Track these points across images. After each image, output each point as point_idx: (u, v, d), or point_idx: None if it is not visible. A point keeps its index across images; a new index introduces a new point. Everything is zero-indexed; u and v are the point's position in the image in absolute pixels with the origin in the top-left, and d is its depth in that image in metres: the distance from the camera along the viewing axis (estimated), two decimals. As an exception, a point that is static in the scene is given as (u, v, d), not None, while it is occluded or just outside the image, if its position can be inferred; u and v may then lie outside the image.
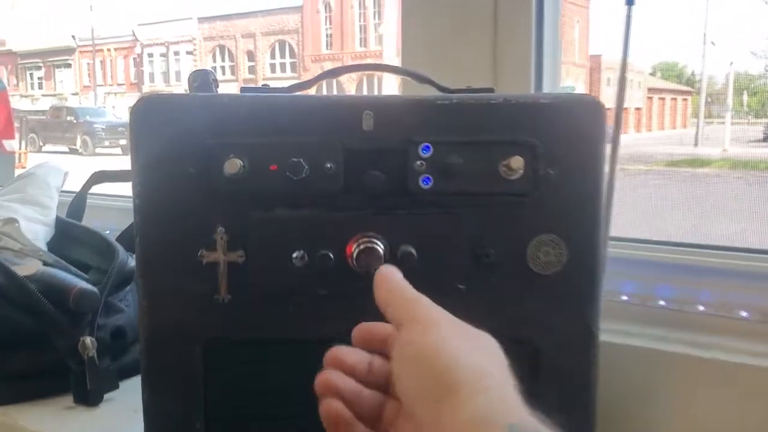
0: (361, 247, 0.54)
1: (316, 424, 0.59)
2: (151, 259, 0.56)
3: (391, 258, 0.55)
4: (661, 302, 0.71)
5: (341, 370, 0.45)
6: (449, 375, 0.39)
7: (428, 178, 0.55)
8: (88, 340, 0.78)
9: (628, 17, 0.62)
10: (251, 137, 0.54)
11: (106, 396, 0.81)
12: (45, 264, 0.85)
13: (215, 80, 0.58)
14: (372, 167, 0.55)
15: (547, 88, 0.77)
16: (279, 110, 0.54)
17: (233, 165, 0.53)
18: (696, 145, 2.56)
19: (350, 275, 0.55)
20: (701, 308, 0.69)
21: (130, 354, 0.87)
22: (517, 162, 0.54)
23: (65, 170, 1.07)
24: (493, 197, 0.55)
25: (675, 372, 0.66)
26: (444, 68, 0.76)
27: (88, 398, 0.79)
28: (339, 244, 0.55)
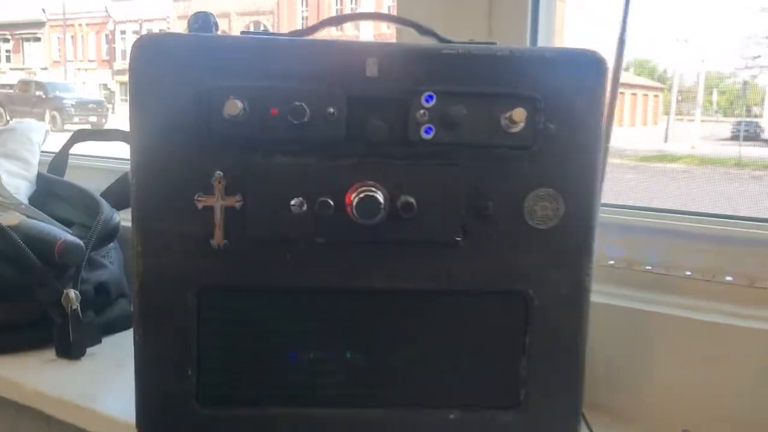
0: (361, 195, 0.54)
1: (308, 373, 0.59)
2: (147, 203, 0.55)
3: (391, 208, 0.55)
4: (648, 267, 0.72)
5: None
6: None
7: (430, 127, 0.55)
8: (72, 292, 0.78)
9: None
10: (252, 79, 0.53)
11: (89, 350, 0.80)
12: (28, 217, 0.83)
13: (216, 23, 0.57)
14: (374, 115, 0.54)
15: (542, 42, 0.78)
16: (282, 53, 0.54)
17: (233, 106, 0.52)
18: (666, 141, 2.59)
19: (349, 224, 0.55)
20: (688, 273, 0.71)
21: (114, 310, 0.87)
22: (519, 114, 0.54)
23: (47, 127, 1.05)
24: (494, 150, 0.55)
25: (660, 332, 0.67)
26: (439, 22, 0.76)
27: (71, 351, 0.78)
28: (339, 192, 0.55)
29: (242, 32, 0.58)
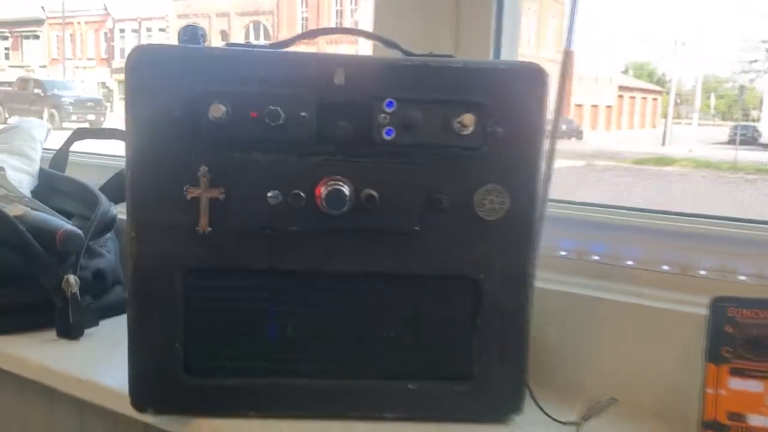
0: (330, 188, 0.61)
1: (284, 347, 0.66)
2: (140, 194, 0.63)
3: (356, 200, 0.62)
4: (595, 257, 0.80)
5: None
6: None
7: (391, 130, 0.62)
8: (72, 278, 0.85)
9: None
10: (234, 86, 0.61)
11: (87, 331, 0.87)
12: (32, 209, 0.90)
13: (203, 35, 0.64)
14: (341, 118, 0.62)
15: (505, 56, 0.85)
16: (261, 63, 0.61)
17: (217, 110, 0.60)
18: (663, 144, 2.64)
19: (319, 214, 0.62)
20: (630, 263, 0.78)
21: (110, 296, 0.94)
22: (469, 119, 0.62)
23: (48, 125, 1.12)
24: (447, 150, 0.63)
25: (604, 315, 0.74)
26: (411, 36, 0.83)
27: (71, 332, 0.85)
28: (310, 185, 0.62)
29: (227, 44, 0.65)
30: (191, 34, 0.63)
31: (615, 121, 3.33)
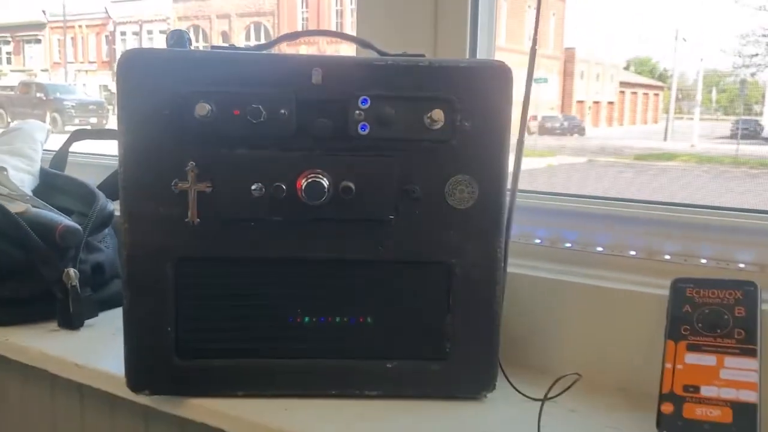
0: (309, 181, 0.66)
1: (269, 329, 0.71)
2: (132, 188, 0.67)
3: (334, 191, 0.66)
4: (567, 244, 0.84)
5: None
6: None
7: (365, 125, 0.66)
8: (72, 271, 0.89)
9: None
10: (218, 86, 0.65)
11: (87, 322, 0.91)
12: (33, 206, 0.95)
13: (189, 39, 0.68)
14: (319, 115, 0.66)
15: (481, 54, 0.89)
16: (243, 64, 0.66)
17: (202, 108, 0.64)
18: (665, 139, 2.66)
19: (300, 205, 0.67)
20: (599, 249, 0.82)
21: (109, 289, 0.98)
22: (438, 114, 0.66)
23: (48, 127, 1.16)
24: (419, 143, 0.67)
25: (574, 298, 0.78)
26: (391, 36, 0.88)
27: (71, 322, 0.90)
28: (291, 178, 0.66)
29: (212, 47, 0.69)
30: (178, 37, 0.67)
31: (617, 117, 3.35)
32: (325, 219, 0.67)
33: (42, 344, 0.85)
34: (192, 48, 0.69)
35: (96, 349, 0.84)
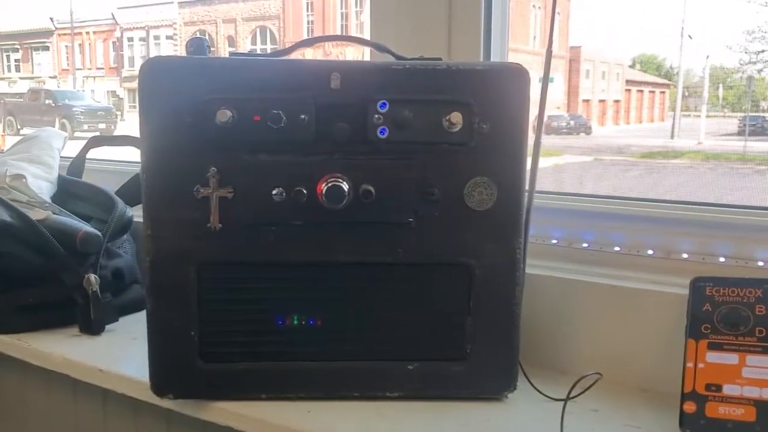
0: (329, 185, 0.66)
1: (292, 332, 0.71)
2: (155, 194, 0.68)
3: (354, 195, 0.67)
4: (584, 244, 0.84)
5: None
6: None
7: (384, 129, 0.67)
8: (92, 276, 0.90)
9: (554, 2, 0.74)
10: (239, 93, 0.66)
11: (107, 327, 0.92)
12: (53, 213, 0.96)
13: (209, 47, 0.69)
14: (338, 120, 0.67)
15: (495, 56, 0.90)
16: (263, 71, 0.66)
17: (224, 115, 0.65)
18: (672, 137, 2.66)
19: (320, 209, 0.67)
20: (617, 248, 0.82)
21: (128, 294, 0.99)
22: (456, 117, 0.66)
23: (65, 134, 1.17)
24: (437, 146, 0.68)
25: (593, 298, 0.78)
26: (406, 39, 0.88)
27: (92, 327, 0.91)
28: (311, 183, 0.67)
29: (231, 53, 0.70)
30: (197, 45, 0.68)
31: (623, 115, 3.34)
32: (346, 222, 0.68)
33: (64, 350, 0.86)
34: (212, 55, 0.69)
35: (118, 354, 0.85)
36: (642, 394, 0.75)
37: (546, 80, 0.74)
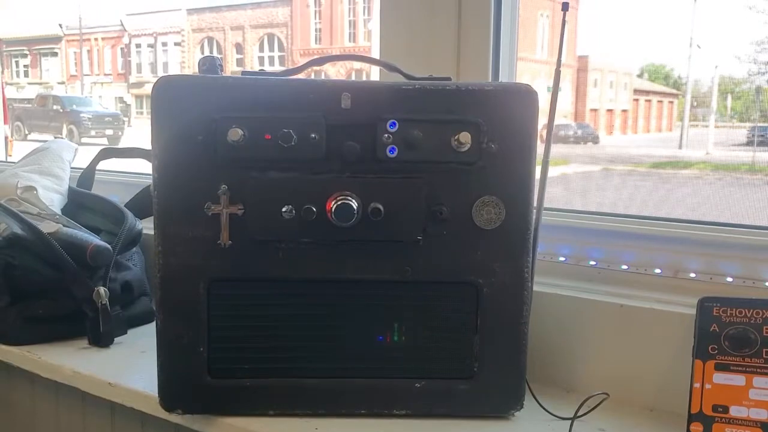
0: (339, 203, 0.67)
1: (299, 349, 0.72)
2: (166, 211, 0.69)
3: (363, 213, 0.67)
4: (592, 262, 0.85)
5: None
6: None
7: (394, 148, 0.67)
8: (102, 289, 0.91)
9: (564, 21, 0.74)
10: (250, 111, 0.67)
11: (116, 339, 0.93)
12: (63, 226, 0.96)
13: (221, 65, 0.70)
14: (348, 138, 0.67)
15: (504, 76, 0.90)
16: (274, 90, 0.67)
17: (235, 133, 0.66)
18: (680, 147, 2.65)
19: (329, 227, 0.68)
20: (624, 267, 0.83)
21: (137, 306, 1.00)
22: (465, 137, 0.67)
23: (75, 146, 1.18)
24: (446, 165, 0.68)
25: (600, 317, 0.79)
26: (415, 58, 0.89)
27: (101, 340, 0.91)
28: (320, 200, 0.68)
29: (242, 72, 0.71)
30: (210, 64, 0.69)
31: (631, 125, 3.34)
32: (355, 240, 0.69)
33: (73, 363, 0.87)
34: (223, 74, 0.70)
35: (126, 368, 0.85)
36: (649, 413, 0.75)
37: (554, 101, 0.74)
